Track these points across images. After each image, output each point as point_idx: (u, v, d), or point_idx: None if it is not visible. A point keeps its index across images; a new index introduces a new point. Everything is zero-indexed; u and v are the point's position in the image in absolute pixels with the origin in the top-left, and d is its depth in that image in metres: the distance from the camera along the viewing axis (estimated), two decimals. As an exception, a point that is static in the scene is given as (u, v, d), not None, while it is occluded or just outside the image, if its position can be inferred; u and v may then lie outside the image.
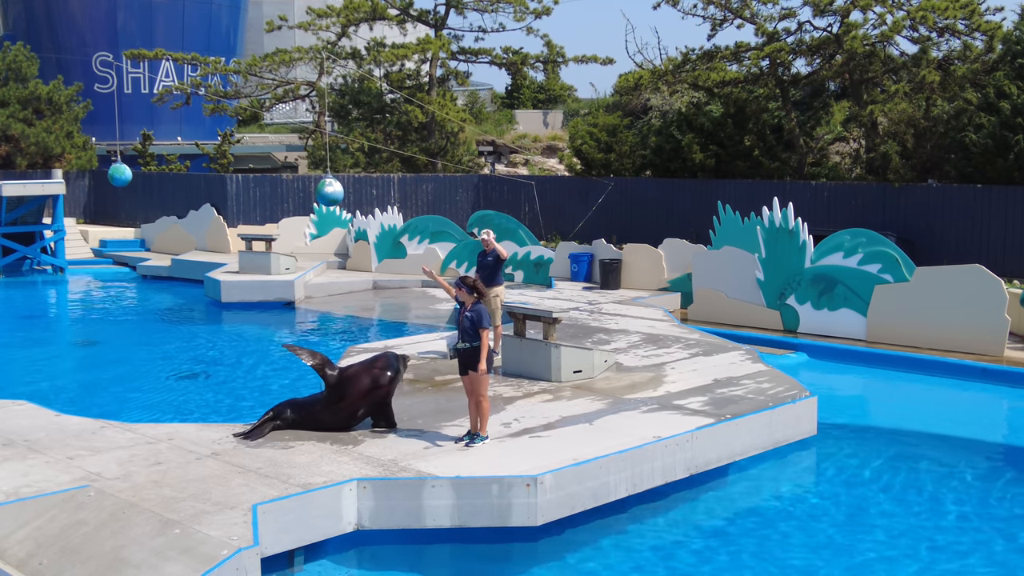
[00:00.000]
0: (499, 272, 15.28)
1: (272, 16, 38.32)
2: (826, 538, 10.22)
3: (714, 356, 15.27)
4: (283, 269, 24.44)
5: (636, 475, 10.53)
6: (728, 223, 19.71)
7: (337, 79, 37.05)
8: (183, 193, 33.00)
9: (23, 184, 30.01)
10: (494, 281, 15.20)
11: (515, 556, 9.94)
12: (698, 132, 28.23)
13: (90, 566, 8.21)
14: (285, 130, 47.26)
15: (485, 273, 15.24)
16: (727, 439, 11.58)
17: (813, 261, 18.46)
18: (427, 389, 13.54)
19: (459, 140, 35.50)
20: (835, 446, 13.09)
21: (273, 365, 18.01)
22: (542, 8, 35.17)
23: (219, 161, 36.05)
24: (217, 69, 36.83)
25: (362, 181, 31.75)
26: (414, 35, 36.64)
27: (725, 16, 27.88)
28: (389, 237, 26.88)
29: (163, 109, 38.45)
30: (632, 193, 28.15)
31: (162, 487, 9.53)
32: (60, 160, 35.67)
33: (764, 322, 19.06)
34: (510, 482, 9.62)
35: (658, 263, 22.34)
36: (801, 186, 25.05)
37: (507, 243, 24.80)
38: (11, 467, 10.14)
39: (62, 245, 30.54)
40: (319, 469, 9.92)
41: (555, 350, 13.64)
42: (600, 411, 12.13)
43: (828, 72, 27.34)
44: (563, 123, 45.95)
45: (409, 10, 35.92)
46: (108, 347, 20.10)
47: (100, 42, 43.38)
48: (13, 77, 36.02)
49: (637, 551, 9.93)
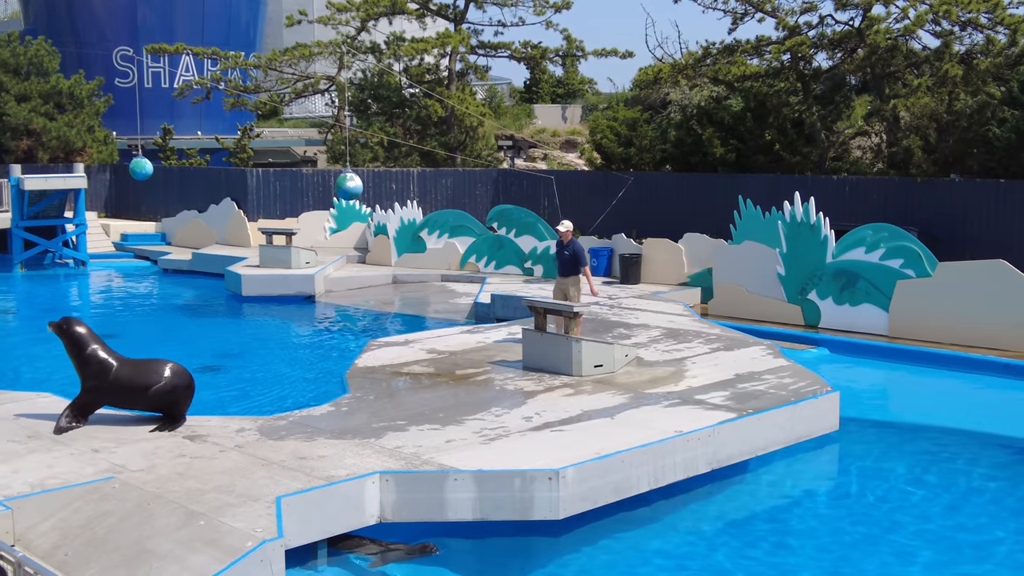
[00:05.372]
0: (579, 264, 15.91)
1: (292, 10, 38.36)
2: (849, 533, 10.19)
3: (735, 351, 15.23)
4: (303, 263, 24.51)
5: (658, 469, 10.52)
6: (749, 218, 19.64)
7: (356, 73, 37.07)
8: (203, 187, 33.12)
9: (45, 178, 30.19)
10: (575, 272, 15.92)
11: (537, 550, 9.95)
12: (718, 126, 28.12)
13: (115, 557, 8.26)
14: (304, 124, 47.35)
15: (564, 266, 15.93)
16: (749, 434, 11.56)
17: (835, 256, 18.39)
18: (448, 383, 13.56)
19: (478, 134, 35.47)
20: (857, 441, 13.05)
21: (294, 358, 18.09)
22: (562, 2, 35.10)
23: (239, 155, 36.16)
24: (237, 63, 36.92)
25: (381, 175, 31.79)
26: (433, 29, 36.60)
27: (746, 10, 27.72)
28: (409, 231, 26.91)
29: (183, 103, 38.56)
30: (652, 187, 28.07)
31: (186, 479, 9.59)
32: (81, 154, 35.83)
33: (785, 317, 19.00)
34: (532, 475, 9.63)
35: (678, 258, 22.29)
36: (822, 180, 24.93)
37: (527, 238, 24.80)
38: (36, 459, 10.21)
39: (84, 239, 30.71)
40: (342, 462, 9.96)
41: (576, 344, 13.64)
42: (621, 405, 12.12)
43: (850, 66, 27.18)
44: (582, 117, 45.86)
45: (429, 4, 35.91)
46: (130, 340, 20.15)
47: (121, 36, 43.53)
48: (35, 71, 36.19)
49: (659, 545, 9.93)
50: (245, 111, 38.45)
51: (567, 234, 16.04)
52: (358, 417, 11.79)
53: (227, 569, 7.83)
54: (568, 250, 16.01)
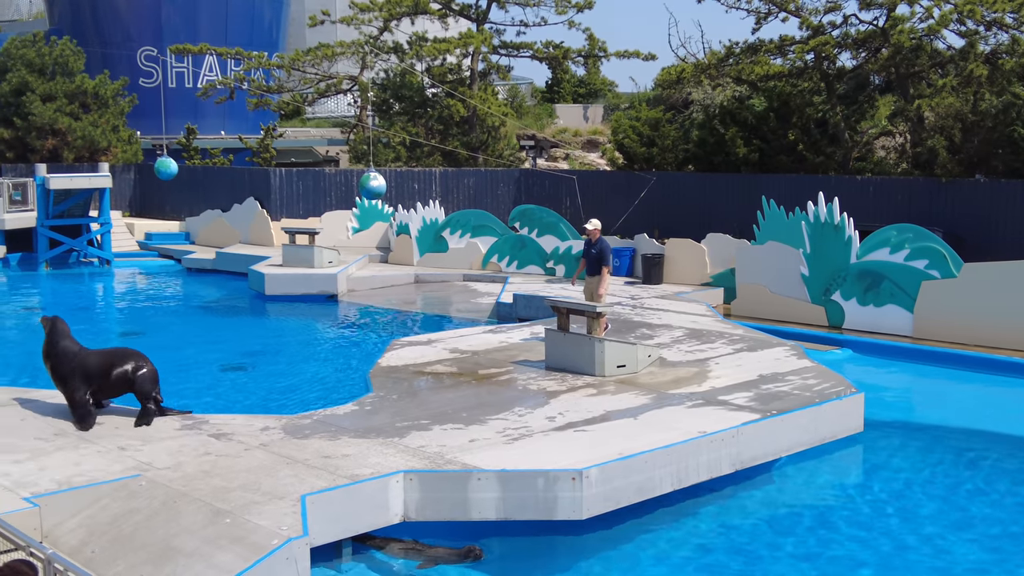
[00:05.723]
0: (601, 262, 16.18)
1: (315, 11, 38.47)
2: (873, 534, 10.14)
3: (759, 351, 15.19)
4: (326, 262, 24.59)
5: (681, 470, 10.51)
6: (772, 218, 19.58)
7: (379, 73, 37.16)
8: (227, 187, 33.28)
9: (70, 177, 30.43)
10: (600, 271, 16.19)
11: (560, 550, 9.96)
12: (741, 126, 28.05)
13: (142, 554, 8.32)
14: (327, 124, 47.49)
15: (591, 264, 16.30)
16: (773, 435, 11.52)
17: (859, 256, 18.30)
18: (470, 382, 13.58)
19: (500, 134, 35.49)
20: (882, 443, 12.99)
21: (317, 357, 18.15)
22: (584, 2, 35.07)
23: (262, 155, 36.31)
24: (260, 64, 37.06)
25: (404, 175, 31.86)
26: (456, 29, 36.63)
27: (770, 9, 27.62)
28: (431, 231, 26.95)
29: (207, 103, 38.76)
30: (674, 187, 28.02)
31: (212, 477, 9.64)
32: (106, 153, 36.07)
33: (809, 318, 18.92)
34: (556, 475, 9.64)
35: (701, 258, 22.24)
36: (846, 181, 24.82)
37: (549, 237, 24.80)
38: (64, 456, 10.30)
39: (108, 238, 30.94)
40: (366, 461, 9.99)
41: (599, 344, 13.63)
42: (645, 406, 12.10)
43: (874, 66, 27.05)
44: (603, 117, 45.80)
45: (451, 4, 35.95)
46: (154, 339, 20.30)
47: (145, 37, 43.77)
48: (60, 71, 36.44)
49: (682, 546, 9.92)
50: (268, 111, 38.59)
51: (594, 232, 16.33)
52: (382, 416, 11.82)
53: (253, 567, 7.87)
54: (595, 248, 16.30)
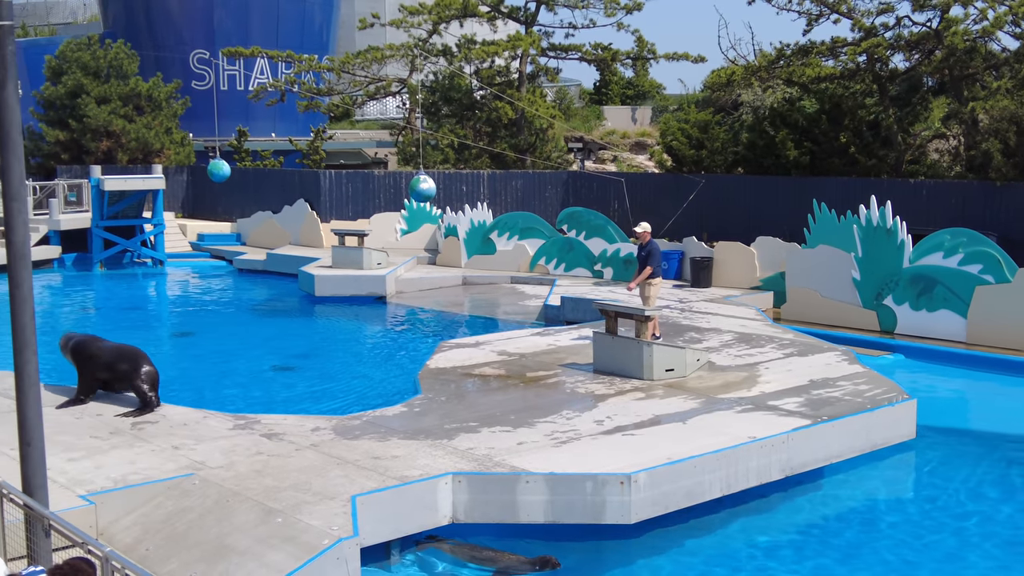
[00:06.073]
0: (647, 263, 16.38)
1: (364, 13, 38.72)
2: (925, 542, 10.03)
3: (809, 356, 15.07)
4: (375, 264, 24.74)
5: (731, 475, 10.46)
6: (824, 221, 19.41)
7: (428, 76, 37.33)
8: (278, 188, 33.60)
9: (124, 179, 30.89)
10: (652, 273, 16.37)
11: (608, 554, 9.95)
12: (792, 128, 27.83)
13: (195, 552, 8.44)
14: (375, 126, 47.75)
15: (641, 265, 16.50)
16: (824, 441, 11.43)
17: (912, 261, 18.09)
18: (518, 385, 13.61)
19: (548, 136, 35.50)
20: (934, 450, 12.83)
21: (366, 358, 18.28)
22: (633, 4, 34.95)
23: (311, 157, 36.61)
24: (311, 66, 37.36)
25: (452, 177, 31.97)
26: (504, 32, 36.72)
27: (821, 11, 27.39)
28: (479, 233, 27.03)
29: (258, 106, 39.16)
30: (724, 190, 27.85)
31: (264, 476, 9.75)
32: (159, 155, 36.56)
33: (860, 322, 18.73)
34: (604, 479, 9.64)
35: (750, 261, 22.09)
36: (899, 184, 24.54)
37: (596, 240, 24.76)
38: (119, 455, 10.47)
39: (161, 239, 31.37)
40: (415, 462, 10.05)
41: (647, 348, 13.60)
42: (693, 410, 12.06)
43: (927, 68, 26.72)
44: (651, 119, 45.62)
45: (500, 7, 36.02)
46: (206, 338, 20.59)
47: (197, 40, 44.29)
48: (114, 74, 36.99)
49: (731, 552, 9.87)
50: (318, 113, 38.89)
51: (644, 235, 16.54)
52: (430, 418, 11.89)
53: (304, 566, 7.96)
54: (644, 251, 16.47)
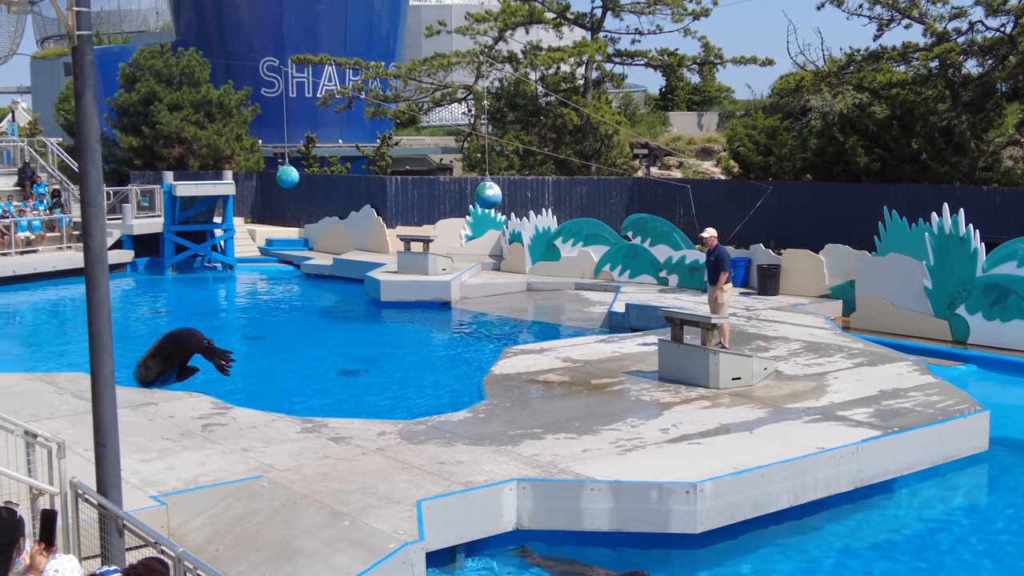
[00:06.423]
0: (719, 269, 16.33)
1: (431, 21, 39.00)
2: (1000, 557, 9.81)
3: (879, 366, 14.83)
4: (440, 270, 24.88)
5: (798, 486, 10.34)
6: (894, 229, 19.11)
7: (493, 82, 37.46)
8: (344, 194, 33.93)
9: (196, 185, 31.44)
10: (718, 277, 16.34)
11: (674, 563, 9.88)
12: (862, 135, 27.44)
13: (264, 554, 8.55)
14: (440, 132, 48.02)
15: (710, 272, 16.53)
16: (894, 452, 11.25)
17: (985, 270, 17.72)
18: (583, 392, 13.59)
19: (613, 143, 35.41)
20: (1008, 462, 12.56)
21: (432, 364, 18.38)
22: (700, 9, 34.74)
23: (378, 163, 36.93)
24: (378, 73, 37.70)
25: (517, 184, 32.03)
26: (570, 38, 36.70)
27: (892, 16, 26.98)
28: (543, 239, 27.03)
29: (325, 112, 39.61)
30: (791, 197, 27.54)
31: (331, 480, 9.85)
32: (230, 162, 37.14)
33: (931, 332, 18.39)
34: (670, 488, 9.59)
35: (819, 269, 21.81)
36: (972, 191, 24.08)
37: (662, 247, 24.63)
38: (190, 456, 10.65)
39: (231, 243, 31.87)
40: (480, 468, 10.09)
41: (714, 356, 13.50)
42: (760, 419, 11.94)
43: (1001, 73, 26.19)
44: (718, 125, 45.28)
45: (566, 13, 36.04)
46: (275, 342, 20.86)
47: (267, 48, 44.93)
48: (186, 81, 37.66)
49: (799, 564, 9.74)
50: (384, 119, 39.23)
51: (711, 240, 16.59)
52: (495, 424, 11.92)
53: (370, 569, 8.03)
54: (712, 256, 16.45)
